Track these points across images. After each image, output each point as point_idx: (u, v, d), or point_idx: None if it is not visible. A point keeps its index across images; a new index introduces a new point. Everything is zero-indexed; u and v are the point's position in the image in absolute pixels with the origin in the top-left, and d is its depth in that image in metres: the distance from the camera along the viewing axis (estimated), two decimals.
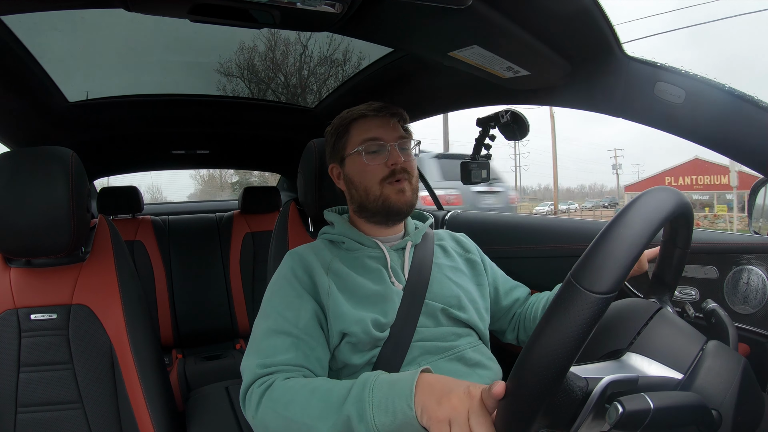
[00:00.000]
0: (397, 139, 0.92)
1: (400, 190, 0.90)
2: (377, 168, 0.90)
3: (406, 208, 0.91)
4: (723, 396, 0.48)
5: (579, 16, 0.73)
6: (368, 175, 0.91)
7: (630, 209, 0.47)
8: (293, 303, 0.83)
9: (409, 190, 0.91)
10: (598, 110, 0.91)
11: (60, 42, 1.09)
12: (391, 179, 0.90)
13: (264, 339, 0.80)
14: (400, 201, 0.90)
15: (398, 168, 0.90)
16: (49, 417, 0.91)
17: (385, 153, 0.90)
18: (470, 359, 0.89)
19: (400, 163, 0.90)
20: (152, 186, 24.48)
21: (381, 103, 0.94)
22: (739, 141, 0.74)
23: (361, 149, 0.91)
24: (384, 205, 0.90)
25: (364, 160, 0.90)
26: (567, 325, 0.42)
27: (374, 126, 0.92)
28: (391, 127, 0.92)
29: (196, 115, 1.73)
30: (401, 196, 0.90)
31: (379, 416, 0.60)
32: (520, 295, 1.06)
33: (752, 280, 0.82)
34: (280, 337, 0.79)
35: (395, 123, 0.93)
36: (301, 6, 0.65)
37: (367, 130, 0.92)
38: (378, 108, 0.93)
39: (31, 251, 0.94)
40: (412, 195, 0.92)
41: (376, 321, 0.84)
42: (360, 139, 0.92)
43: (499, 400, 0.48)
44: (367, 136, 0.91)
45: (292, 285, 0.86)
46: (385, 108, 0.94)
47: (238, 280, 2.23)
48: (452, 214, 1.62)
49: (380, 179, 0.90)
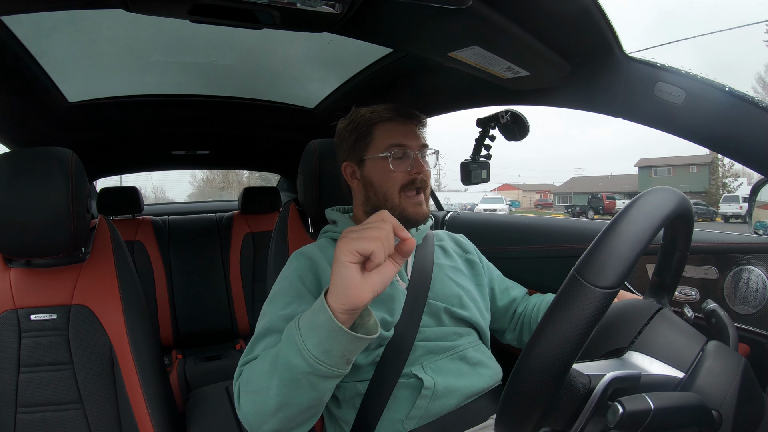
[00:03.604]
0: (420, 148, 0.91)
1: (417, 203, 0.90)
2: (400, 175, 0.89)
3: (422, 219, 0.92)
4: (723, 396, 0.49)
5: (579, 16, 0.73)
6: (390, 181, 0.90)
7: (633, 207, 0.47)
8: (292, 303, 0.82)
9: (424, 204, 0.92)
10: (598, 110, 0.91)
11: (60, 42, 1.09)
12: (410, 188, 0.89)
13: (257, 338, 0.79)
14: (417, 214, 0.90)
15: (420, 178, 0.89)
16: (49, 417, 0.91)
17: (409, 161, 0.90)
18: (472, 358, 0.89)
19: (423, 173, 0.90)
20: (156, 187, 24.52)
21: (407, 108, 0.93)
22: (739, 141, 0.74)
23: (389, 155, 0.90)
24: (401, 216, 0.89)
25: (390, 166, 0.89)
26: (571, 319, 0.42)
27: (401, 132, 0.91)
28: (416, 135, 0.92)
29: (196, 116, 1.73)
30: (419, 209, 0.90)
31: (308, 339, 0.61)
32: (516, 295, 1.06)
33: (752, 281, 0.82)
34: (273, 335, 0.78)
35: (419, 130, 0.93)
36: (301, 6, 0.65)
37: (393, 136, 0.91)
38: (406, 114, 0.92)
39: (31, 251, 0.94)
40: (427, 207, 0.93)
41: (383, 320, 0.84)
42: (386, 143, 0.90)
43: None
44: (394, 142, 0.90)
45: (293, 286, 0.85)
46: (412, 115, 0.93)
47: (238, 281, 2.23)
48: (452, 215, 1.62)
49: (400, 187, 0.89)
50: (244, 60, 1.36)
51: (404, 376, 0.83)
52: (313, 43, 1.19)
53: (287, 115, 1.76)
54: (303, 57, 1.33)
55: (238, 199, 2.39)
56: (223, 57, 1.32)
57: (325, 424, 0.91)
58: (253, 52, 1.30)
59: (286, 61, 1.37)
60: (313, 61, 1.36)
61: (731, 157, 0.77)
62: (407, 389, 0.83)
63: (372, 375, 0.83)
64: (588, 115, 29.26)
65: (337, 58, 1.30)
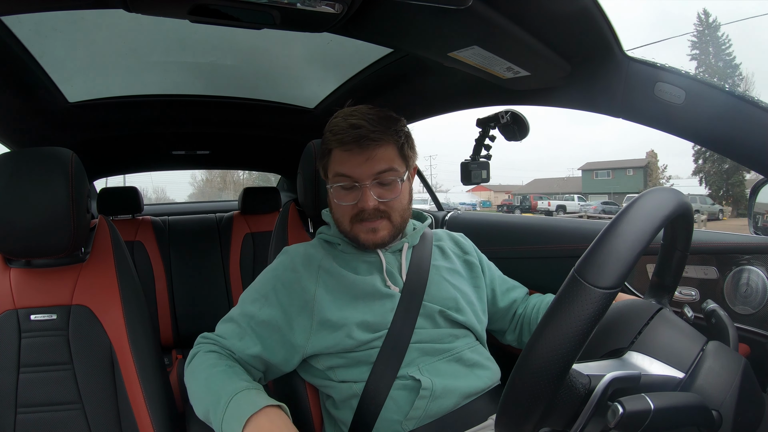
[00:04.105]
0: (372, 177, 0.83)
1: (371, 230, 0.86)
2: (347, 207, 0.86)
3: (378, 245, 0.89)
4: (723, 396, 0.48)
5: (579, 16, 0.73)
6: (339, 210, 0.88)
7: (633, 207, 0.47)
8: (257, 301, 0.88)
9: (384, 229, 0.86)
10: (598, 110, 0.91)
11: (60, 42, 1.09)
12: (360, 218, 0.85)
13: (222, 322, 0.89)
14: (369, 240, 0.87)
15: (369, 211, 0.84)
16: (49, 417, 0.91)
17: (357, 192, 0.84)
18: (468, 360, 0.89)
19: (370, 208, 0.84)
20: (157, 188, 24.58)
21: (365, 129, 0.82)
22: (739, 141, 0.74)
23: (332, 188, 0.87)
24: (354, 240, 0.89)
25: (334, 200, 0.87)
26: (571, 319, 0.42)
27: (349, 161, 0.83)
28: (368, 163, 0.83)
29: (196, 116, 1.73)
30: (371, 236, 0.86)
31: (226, 423, 0.71)
32: (517, 296, 1.05)
33: (752, 281, 0.82)
34: (233, 323, 0.87)
35: (377, 154, 0.83)
36: (301, 6, 0.65)
37: (341, 164, 0.84)
38: (358, 138, 0.81)
39: (31, 252, 0.94)
40: (388, 232, 0.87)
41: (364, 323, 0.84)
42: (334, 171, 0.86)
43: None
44: (340, 171, 0.85)
45: (265, 286, 0.90)
46: (363, 139, 0.81)
47: (238, 281, 2.22)
48: (452, 215, 1.62)
49: (350, 218, 0.87)
50: (244, 60, 1.36)
51: (401, 378, 0.83)
52: (313, 43, 1.19)
53: (287, 115, 1.76)
54: (303, 57, 1.33)
55: (238, 199, 2.39)
56: (223, 57, 1.32)
57: (324, 424, 0.91)
58: (253, 52, 1.30)
59: (286, 62, 1.37)
60: (313, 61, 1.36)
61: (731, 157, 0.77)
62: (405, 390, 0.83)
63: (367, 376, 0.83)
64: (588, 114, 30.14)
65: (337, 58, 1.30)
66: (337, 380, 0.86)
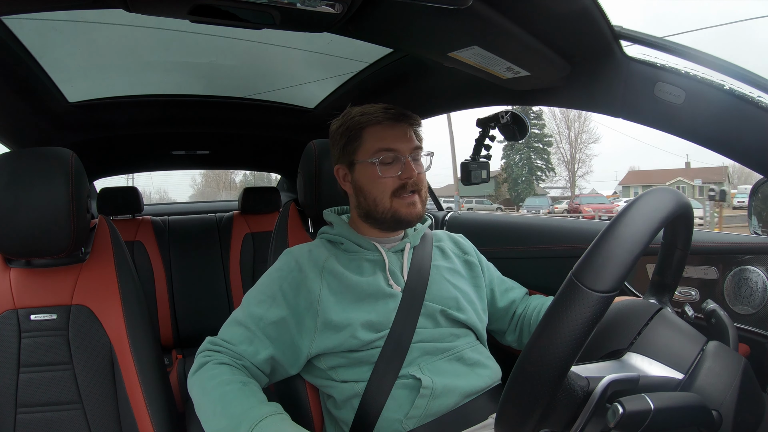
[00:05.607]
0: (411, 151, 0.89)
1: (410, 203, 0.89)
2: (390, 180, 0.88)
3: (415, 220, 0.91)
4: (723, 396, 0.48)
5: (579, 16, 0.73)
6: (380, 186, 0.89)
7: (631, 209, 0.47)
8: (264, 303, 0.87)
9: (419, 203, 0.90)
10: (598, 110, 0.91)
11: (60, 42, 1.09)
12: (402, 192, 0.88)
13: (228, 325, 0.88)
14: (410, 214, 0.89)
15: (411, 182, 0.88)
16: (49, 417, 0.91)
17: (399, 165, 0.88)
18: (469, 359, 0.89)
19: (414, 177, 0.88)
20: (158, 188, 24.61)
21: (397, 109, 0.91)
22: (739, 141, 0.73)
23: (377, 161, 0.88)
24: (393, 217, 0.89)
25: (378, 172, 0.88)
26: (569, 323, 0.42)
27: (390, 135, 0.89)
28: (407, 138, 0.90)
29: (196, 116, 1.73)
30: (412, 209, 0.89)
31: None
32: (516, 296, 1.06)
33: (752, 281, 0.82)
34: (241, 327, 0.85)
35: (410, 132, 0.91)
36: (301, 6, 0.65)
37: (382, 139, 0.89)
38: (395, 115, 0.90)
39: (31, 252, 0.94)
40: (422, 207, 0.91)
41: (368, 322, 0.85)
42: (375, 147, 0.89)
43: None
44: (382, 146, 0.88)
45: (271, 287, 0.88)
46: (402, 116, 0.90)
47: (238, 281, 2.22)
48: (452, 215, 1.62)
49: (391, 192, 0.88)
50: (244, 60, 1.37)
51: (402, 377, 0.84)
52: (313, 43, 1.19)
53: (287, 115, 1.76)
54: (303, 57, 1.33)
55: (238, 199, 2.39)
56: (224, 57, 1.32)
57: (325, 424, 0.91)
58: (253, 52, 1.30)
59: (286, 62, 1.38)
60: (313, 61, 1.36)
61: (731, 157, 0.77)
62: (406, 389, 0.83)
63: (369, 376, 0.84)
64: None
65: (337, 58, 1.30)
66: (339, 380, 0.86)
